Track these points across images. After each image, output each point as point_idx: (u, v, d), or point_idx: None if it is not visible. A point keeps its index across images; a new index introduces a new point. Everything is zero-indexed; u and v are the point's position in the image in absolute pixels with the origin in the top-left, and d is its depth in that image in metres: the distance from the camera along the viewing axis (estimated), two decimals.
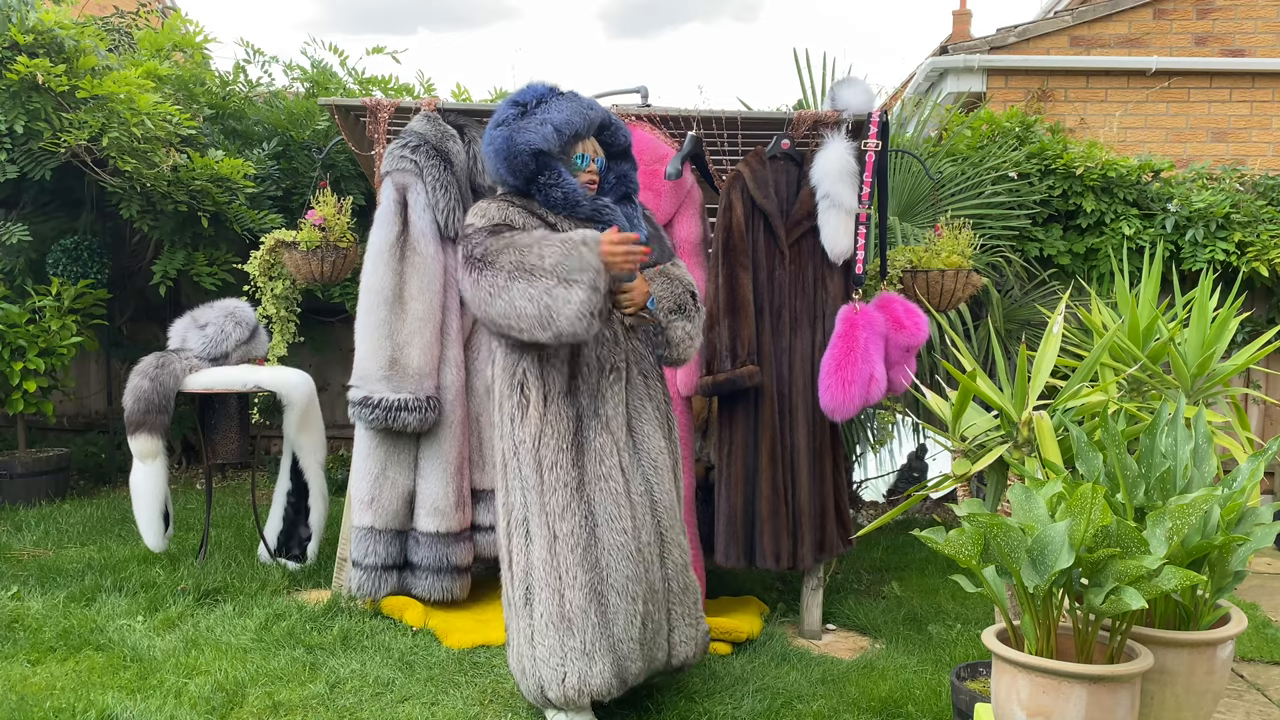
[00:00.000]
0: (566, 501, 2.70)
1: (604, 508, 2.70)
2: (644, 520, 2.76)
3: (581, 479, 2.72)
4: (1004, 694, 2.12)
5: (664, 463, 2.85)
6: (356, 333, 3.78)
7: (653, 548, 2.77)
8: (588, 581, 2.67)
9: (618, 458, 2.75)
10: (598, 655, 2.66)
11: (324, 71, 6.10)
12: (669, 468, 2.87)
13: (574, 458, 2.73)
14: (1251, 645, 3.59)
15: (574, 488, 2.71)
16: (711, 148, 3.93)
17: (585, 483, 2.72)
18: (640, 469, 2.81)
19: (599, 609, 2.67)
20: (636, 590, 2.70)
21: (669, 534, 2.83)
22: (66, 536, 4.79)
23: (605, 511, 2.70)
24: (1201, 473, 2.32)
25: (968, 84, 8.00)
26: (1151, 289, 3.24)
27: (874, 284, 3.87)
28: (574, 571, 2.67)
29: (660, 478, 2.83)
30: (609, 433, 2.76)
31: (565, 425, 2.75)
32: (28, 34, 4.68)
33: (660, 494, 2.82)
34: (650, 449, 2.84)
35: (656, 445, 2.85)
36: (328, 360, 6.50)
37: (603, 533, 2.70)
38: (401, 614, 3.69)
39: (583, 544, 2.68)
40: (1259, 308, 5.70)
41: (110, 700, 2.91)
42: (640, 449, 2.83)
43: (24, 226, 5.46)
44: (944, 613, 3.91)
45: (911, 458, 6.03)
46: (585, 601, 2.65)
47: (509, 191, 2.88)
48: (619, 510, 2.71)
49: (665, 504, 2.83)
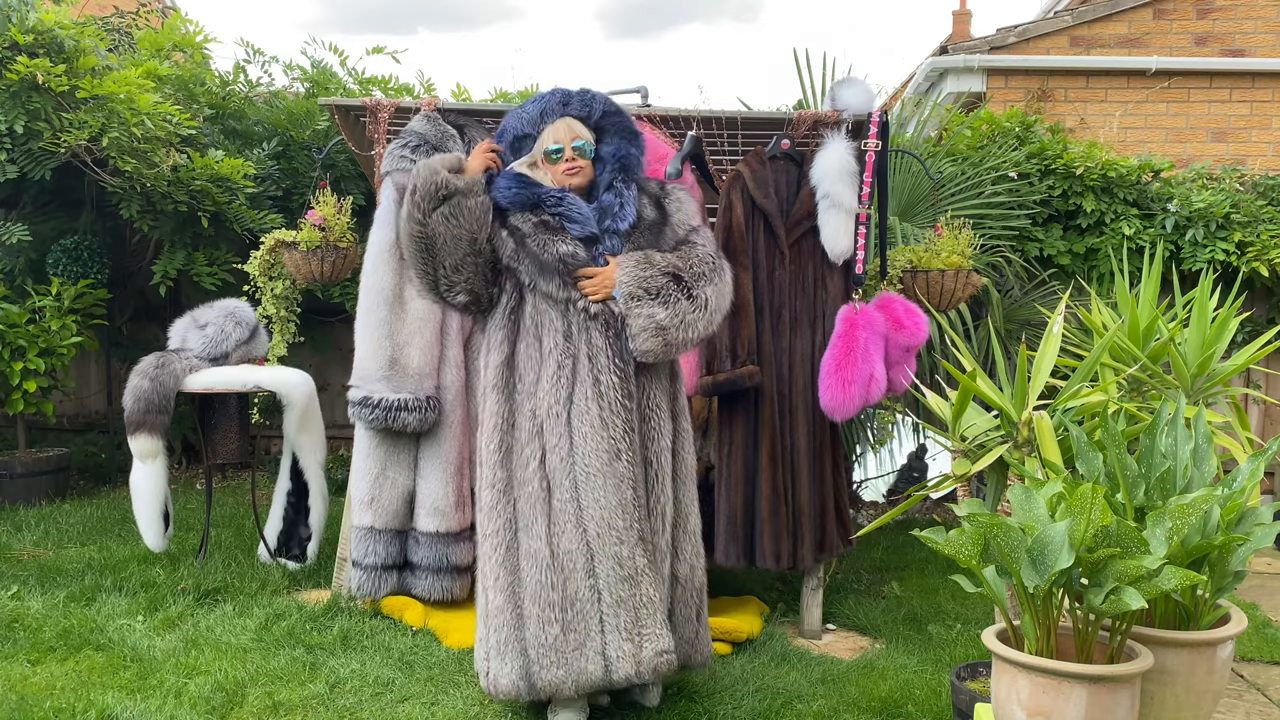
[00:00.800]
0: (493, 502, 2.70)
1: (523, 512, 2.67)
2: (564, 529, 2.64)
3: (509, 480, 2.70)
4: (1004, 694, 2.12)
5: (606, 469, 2.64)
6: (356, 333, 3.78)
7: (575, 557, 2.63)
8: (508, 584, 2.66)
9: (539, 462, 2.67)
10: (508, 656, 2.65)
11: (324, 71, 6.10)
12: (617, 476, 2.65)
13: (501, 459, 2.71)
14: (1251, 645, 3.58)
15: (501, 489, 2.70)
16: (711, 148, 3.93)
17: (512, 485, 2.70)
18: (572, 475, 2.65)
19: (514, 611, 2.65)
20: (551, 598, 2.62)
21: (599, 544, 2.63)
22: (66, 536, 4.78)
23: (524, 516, 2.67)
24: (1201, 473, 2.32)
25: (968, 84, 8.00)
26: (1151, 289, 3.24)
27: (874, 284, 3.87)
28: (496, 571, 2.67)
29: (593, 485, 2.64)
30: (538, 436, 2.68)
31: (495, 423, 2.73)
32: (28, 34, 4.68)
33: (590, 502, 2.64)
34: (588, 454, 2.65)
35: (597, 450, 2.65)
36: (328, 360, 6.49)
37: (522, 537, 2.67)
38: (401, 614, 3.69)
39: (505, 545, 2.67)
40: (1259, 308, 5.70)
41: (110, 700, 2.91)
42: (576, 454, 2.66)
43: (24, 226, 5.46)
44: (944, 613, 3.91)
45: (911, 458, 6.03)
46: (503, 602, 2.66)
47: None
48: (535, 516, 2.66)
49: (595, 514, 2.63)
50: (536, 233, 2.77)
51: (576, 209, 2.79)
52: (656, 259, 2.75)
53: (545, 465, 2.68)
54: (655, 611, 2.65)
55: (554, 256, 2.74)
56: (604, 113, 2.90)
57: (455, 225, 2.68)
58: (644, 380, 2.80)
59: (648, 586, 2.65)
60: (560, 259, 2.74)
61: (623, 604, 2.63)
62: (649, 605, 2.65)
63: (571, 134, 2.84)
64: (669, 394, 2.89)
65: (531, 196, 2.80)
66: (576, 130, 2.85)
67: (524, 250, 2.76)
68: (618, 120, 2.92)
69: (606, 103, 2.91)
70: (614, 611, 2.63)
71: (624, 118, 2.93)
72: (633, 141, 2.91)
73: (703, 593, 2.97)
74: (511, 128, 2.91)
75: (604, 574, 2.63)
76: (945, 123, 5.94)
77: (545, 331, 2.74)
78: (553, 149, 2.83)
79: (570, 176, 2.83)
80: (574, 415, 2.68)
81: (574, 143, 2.83)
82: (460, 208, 2.69)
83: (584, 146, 2.85)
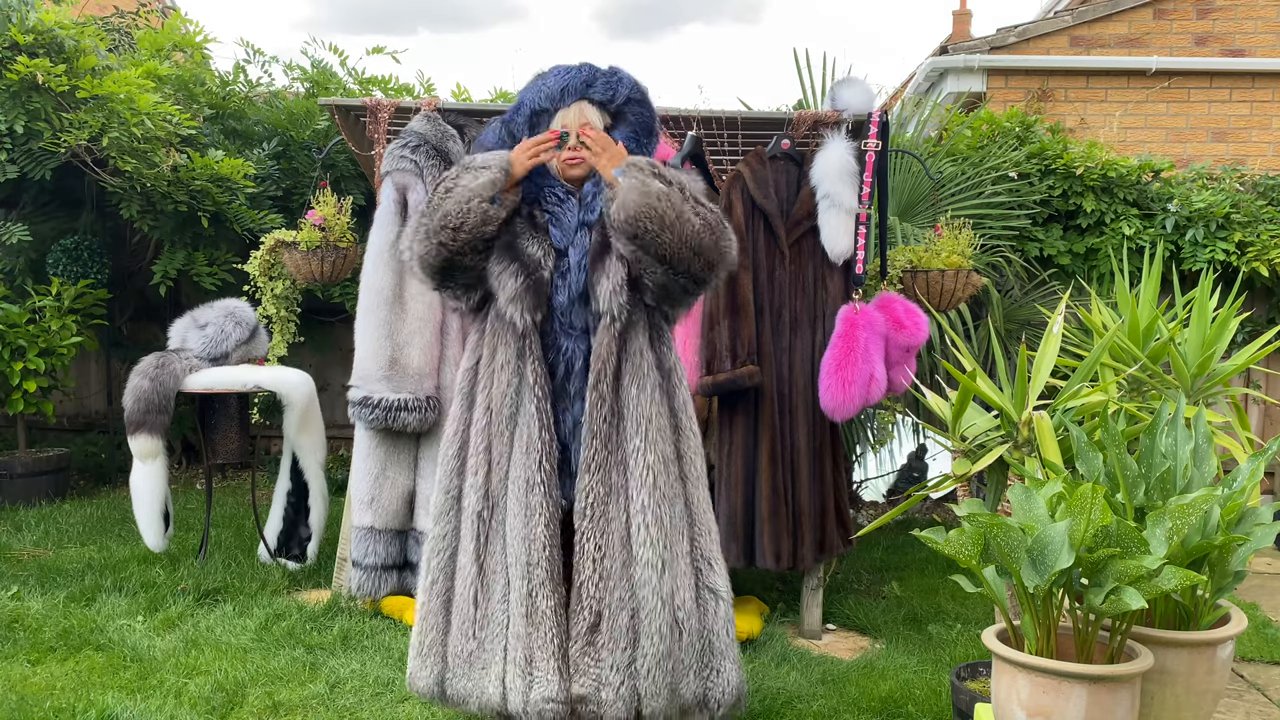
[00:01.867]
0: (445, 508, 2.62)
1: (464, 525, 2.59)
2: (493, 550, 2.55)
3: (460, 490, 2.61)
4: (1004, 694, 2.12)
5: (521, 501, 2.50)
6: (356, 333, 3.78)
7: (496, 578, 2.54)
8: (444, 590, 2.59)
9: (482, 478, 2.56)
10: (429, 659, 2.58)
11: (324, 71, 6.10)
12: (526, 508, 2.49)
13: (458, 467, 2.62)
14: (1251, 645, 3.58)
15: (454, 496, 2.61)
16: (711, 148, 3.93)
17: (461, 494, 2.61)
18: (505, 498, 2.54)
19: (444, 616, 2.59)
20: (473, 614, 2.55)
21: (511, 573, 2.50)
22: (66, 536, 4.78)
23: (464, 529, 2.59)
24: (1201, 473, 2.32)
25: (968, 84, 8.00)
26: (1151, 289, 3.24)
27: (874, 284, 3.87)
28: (435, 575, 2.60)
29: (512, 514, 2.51)
30: (486, 451, 2.56)
31: (455, 429, 2.64)
32: (28, 34, 4.68)
33: (508, 530, 2.52)
34: (513, 482, 2.52)
35: (520, 481, 2.50)
36: (328, 360, 6.49)
37: (460, 549, 2.60)
38: (401, 614, 3.69)
39: (448, 551, 2.60)
40: (1259, 308, 5.70)
41: (110, 700, 2.91)
42: (511, 479, 2.54)
43: (24, 226, 5.46)
44: (944, 613, 3.91)
45: (911, 458, 6.03)
46: (437, 606, 2.59)
47: None
48: (473, 531, 2.56)
49: (510, 543, 2.51)
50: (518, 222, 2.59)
51: (569, 217, 2.61)
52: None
53: (489, 481, 2.56)
54: (550, 657, 2.47)
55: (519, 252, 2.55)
56: (627, 99, 2.68)
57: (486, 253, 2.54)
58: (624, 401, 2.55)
59: (549, 629, 2.47)
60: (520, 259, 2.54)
61: (520, 639, 2.49)
62: (545, 649, 2.46)
63: (582, 121, 2.62)
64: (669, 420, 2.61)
65: (535, 189, 2.62)
66: (590, 117, 2.63)
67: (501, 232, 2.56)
68: (638, 111, 2.70)
69: (633, 89, 2.68)
70: (514, 644, 2.50)
71: (646, 110, 2.70)
72: (645, 138, 2.70)
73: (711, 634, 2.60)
74: (529, 101, 2.67)
75: (513, 602, 2.51)
76: (945, 123, 5.94)
77: (501, 343, 2.57)
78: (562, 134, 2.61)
79: (571, 167, 2.62)
80: (516, 436, 2.55)
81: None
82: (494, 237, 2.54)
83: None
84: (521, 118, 2.66)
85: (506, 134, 2.68)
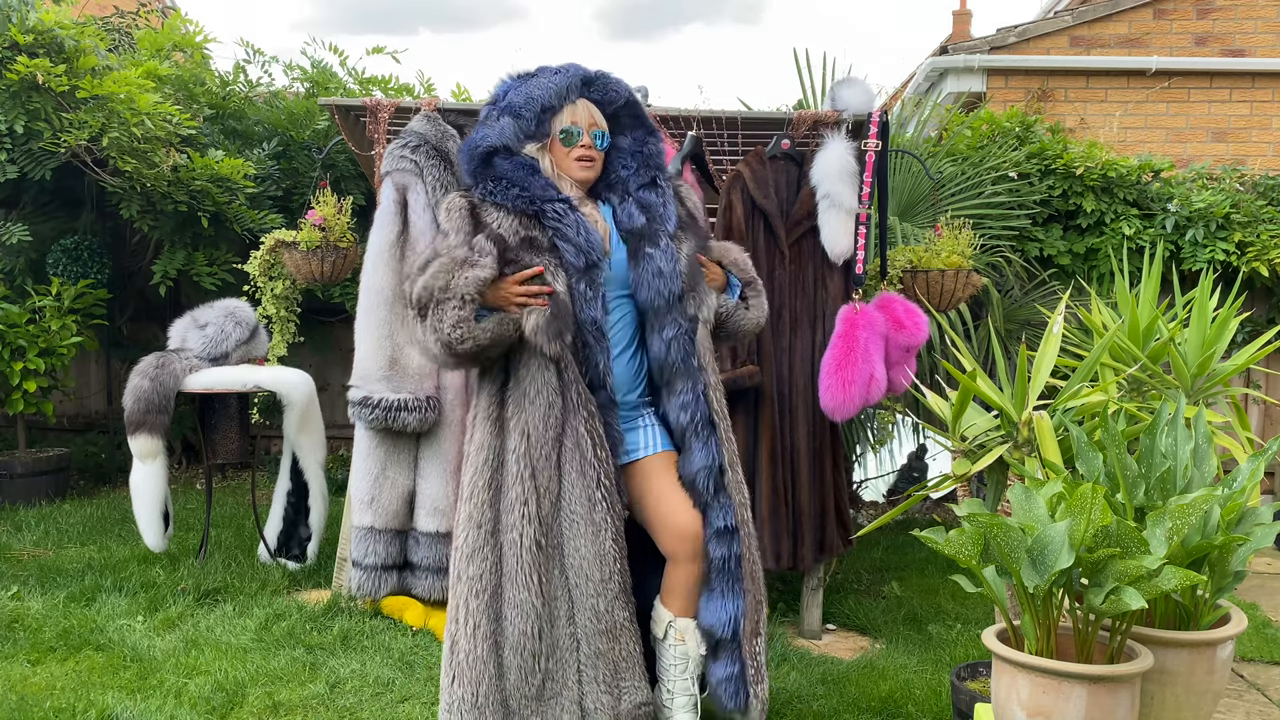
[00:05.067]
0: (478, 543, 2.48)
1: (508, 558, 2.46)
2: (549, 575, 2.49)
3: (497, 523, 2.48)
4: (1004, 694, 2.12)
5: (584, 520, 2.49)
6: (356, 333, 3.78)
7: (559, 604, 2.49)
8: (489, 632, 2.45)
9: (532, 507, 2.47)
10: (488, 710, 2.43)
11: (324, 71, 6.10)
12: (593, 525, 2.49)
13: (491, 497, 2.49)
14: (1251, 645, 3.59)
15: (489, 530, 2.48)
16: (711, 148, 3.93)
17: (499, 529, 2.48)
18: (558, 521, 2.51)
19: (496, 662, 2.45)
20: (537, 648, 2.45)
21: (578, 594, 2.49)
22: (66, 536, 4.79)
23: (509, 563, 2.46)
24: (1201, 473, 2.31)
25: (968, 84, 8.00)
26: (1151, 289, 3.24)
27: (874, 284, 3.87)
28: (476, 619, 2.45)
29: (575, 534, 2.49)
30: (530, 479, 2.48)
31: (485, 458, 2.51)
32: (28, 34, 4.68)
33: (572, 552, 2.50)
34: (572, 500, 2.50)
35: (581, 500, 2.49)
36: (328, 360, 6.49)
37: (507, 585, 2.46)
38: (401, 614, 3.69)
39: (490, 589, 2.46)
40: (1259, 308, 5.70)
41: (110, 700, 2.91)
42: (564, 500, 2.50)
43: (24, 226, 5.46)
44: (944, 613, 3.91)
45: (911, 458, 6.03)
46: (485, 652, 2.44)
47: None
48: (519, 563, 2.45)
49: (575, 565, 2.49)
50: (520, 250, 2.48)
51: (577, 232, 2.50)
52: (732, 252, 2.78)
53: (541, 508, 2.48)
54: (635, 665, 2.52)
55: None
56: (626, 102, 2.65)
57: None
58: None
59: (628, 640, 2.51)
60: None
61: (602, 656, 2.49)
62: (629, 659, 2.51)
63: (590, 119, 2.57)
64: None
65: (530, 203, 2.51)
66: (596, 117, 2.59)
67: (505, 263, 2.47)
68: (637, 112, 2.67)
69: (629, 93, 2.65)
70: (592, 663, 2.49)
71: (640, 112, 2.69)
72: (653, 134, 2.68)
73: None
74: (539, 98, 2.55)
75: (583, 624, 2.49)
76: (945, 123, 5.94)
77: (531, 365, 2.50)
78: (571, 129, 2.55)
79: (584, 169, 2.57)
80: (563, 458, 2.51)
81: (593, 130, 2.57)
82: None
83: (602, 137, 2.60)
84: (531, 113, 2.56)
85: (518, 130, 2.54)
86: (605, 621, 2.48)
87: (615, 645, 2.50)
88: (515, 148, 2.54)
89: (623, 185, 2.65)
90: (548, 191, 2.53)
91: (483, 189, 2.55)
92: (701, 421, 2.59)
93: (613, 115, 2.66)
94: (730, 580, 2.58)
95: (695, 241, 2.67)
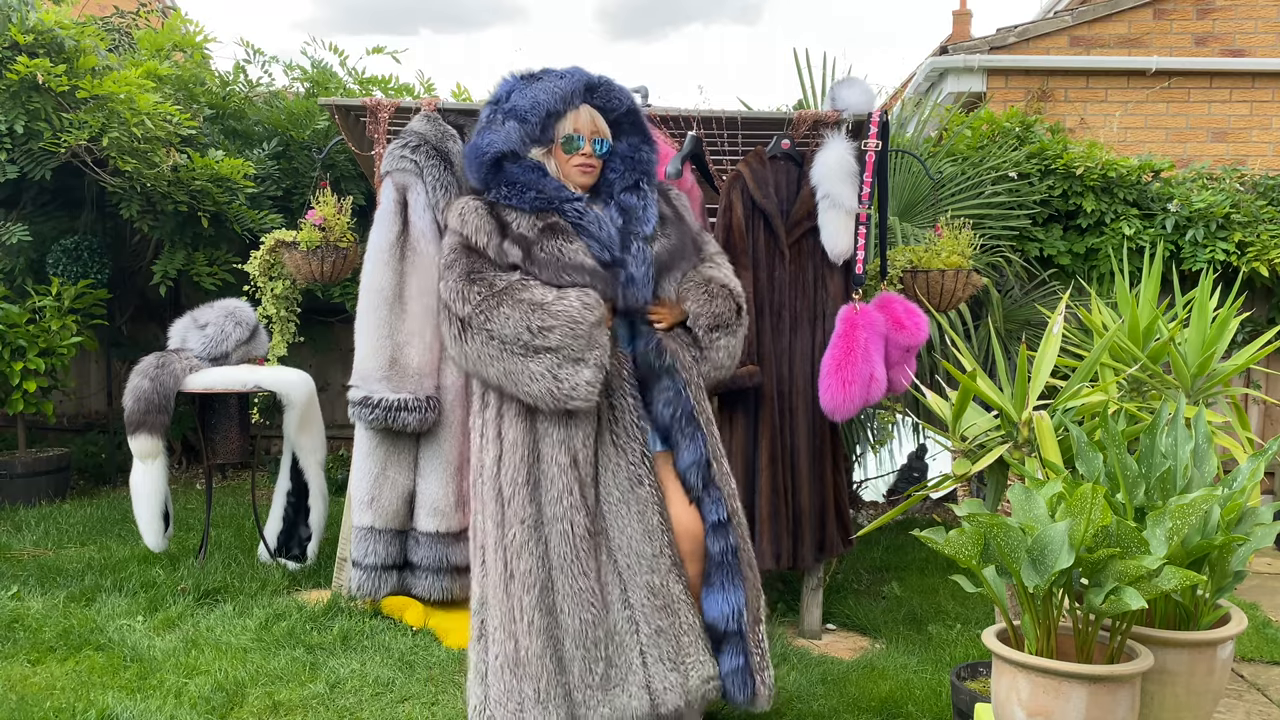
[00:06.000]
0: (525, 539, 2.49)
1: (559, 549, 2.48)
2: (600, 561, 2.51)
3: (540, 516, 2.50)
4: (1004, 694, 2.12)
5: (628, 498, 2.54)
6: (356, 333, 3.78)
7: (611, 589, 2.51)
8: (544, 626, 2.45)
9: (578, 495, 2.50)
10: (552, 705, 2.43)
11: (324, 71, 6.10)
12: (638, 502, 2.54)
13: (530, 492, 2.51)
14: (1251, 645, 3.59)
15: (532, 524, 2.50)
16: (711, 148, 3.93)
17: (543, 521, 2.50)
18: (600, 505, 2.54)
19: (554, 655, 2.46)
20: (597, 635, 2.46)
21: (630, 574, 2.52)
22: (66, 536, 4.79)
23: (559, 553, 2.47)
24: (1201, 473, 2.31)
25: (968, 84, 8.00)
26: (1151, 289, 3.23)
27: (874, 284, 3.87)
28: (530, 615, 2.46)
29: (618, 513, 2.53)
30: (571, 467, 2.51)
31: (522, 454, 2.53)
32: (28, 34, 4.68)
33: (616, 532, 2.53)
34: (609, 483, 2.55)
35: (622, 479, 2.55)
36: (328, 360, 6.49)
37: (557, 575, 2.47)
38: (401, 614, 3.69)
39: (540, 584, 2.47)
40: (1259, 308, 5.70)
41: (110, 700, 2.91)
42: (602, 483, 2.55)
43: (24, 226, 5.46)
44: (944, 613, 3.91)
45: (911, 458, 6.03)
46: (541, 647, 2.45)
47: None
48: (574, 552, 2.47)
49: (622, 543, 2.53)
50: (544, 238, 2.54)
51: (600, 228, 2.57)
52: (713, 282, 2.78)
53: (584, 497, 2.50)
54: (697, 638, 2.53)
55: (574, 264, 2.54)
56: (626, 109, 2.70)
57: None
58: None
59: (686, 613, 2.52)
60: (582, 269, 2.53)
61: (663, 634, 2.49)
62: (690, 632, 2.52)
63: (593, 127, 2.63)
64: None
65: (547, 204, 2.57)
66: (599, 125, 2.64)
67: (532, 259, 2.53)
68: (636, 119, 2.73)
69: (630, 100, 2.71)
70: (654, 642, 2.49)
71: (642, 118, 2.75)
72: (648, 142, 2.74)
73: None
74: (544, 103, 2.59)
75: (639, 604, 2.50)
76: (945, 123, 5.94)
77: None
78: (574, 136, 2.60)
79: (584, 174, 2.62)
80: (600, 444, 2.55)
81: (595, 139, 2.63)
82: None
83: (603, 144, 2.64)
84: (536, 118, 2.60)
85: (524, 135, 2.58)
86: (662, 597, 2.50)
87: (675, 620, 2.51)
88: (522, 152, 2.58)
89: (609, 189, 2.70)
90: (562, 192, 2.60)
91: (496, 193, 2.59)
92: (685, 417, 2.63)
93: (613, 122, 2.70)
94: (729, 573, 2.60)
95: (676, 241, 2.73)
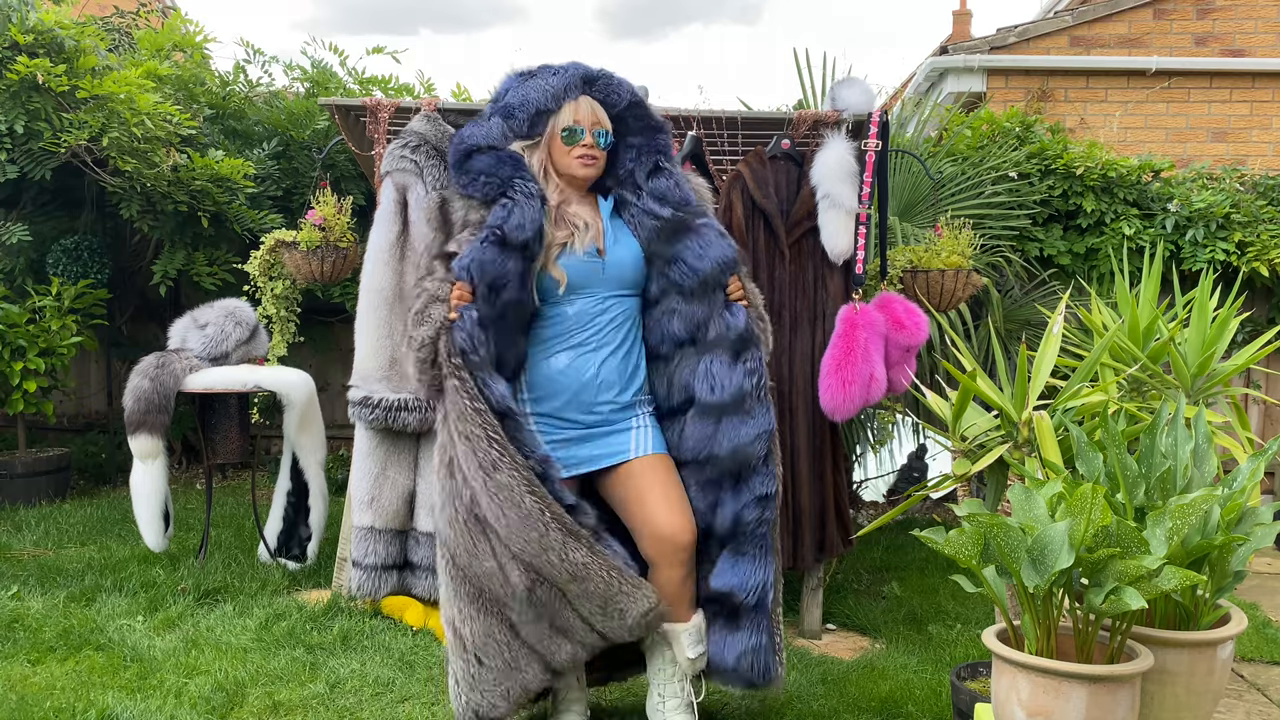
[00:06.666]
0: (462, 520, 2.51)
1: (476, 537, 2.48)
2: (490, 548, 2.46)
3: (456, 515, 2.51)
4: (1004, 694, 2.12)
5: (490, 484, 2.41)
6: (356, 333, 3.78)
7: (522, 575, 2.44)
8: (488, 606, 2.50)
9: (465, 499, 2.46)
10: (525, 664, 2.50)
11: (324, 71, 6.10)
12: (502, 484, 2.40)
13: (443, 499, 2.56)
14: (1251, 645, 3.58)
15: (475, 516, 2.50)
16: (711, 148, 3.93)
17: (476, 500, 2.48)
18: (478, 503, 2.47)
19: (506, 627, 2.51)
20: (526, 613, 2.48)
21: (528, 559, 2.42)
22: (66, 536, 4.79)
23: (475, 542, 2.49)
24: (1201, 473, 2.31)
25: (968, 84, 8.01)
26: (1151, 289, 3.23)
27: (874, 284, 3.87)
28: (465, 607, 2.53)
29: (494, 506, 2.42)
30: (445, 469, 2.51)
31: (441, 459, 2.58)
32: (28, 34, 4.68)
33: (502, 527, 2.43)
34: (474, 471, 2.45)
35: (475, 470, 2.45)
36: (328, 360, 6.49)
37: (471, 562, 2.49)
38: (401, 614, 3.69)
39: (461, 576, 2.52)
40: (1259, 308, 5.70)
41: (110, 700, 2.91)
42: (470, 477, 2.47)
43: (24, 226, 5.46)
44: (944, 613, 3.91)
45: (911, 458, 6.03)
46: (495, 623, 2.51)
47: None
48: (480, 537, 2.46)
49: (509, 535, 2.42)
50: (462, 232, 2.55)
51: (523, 215, 2.44)
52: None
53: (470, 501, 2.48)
54: (620, 580, 2.43)
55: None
56: (630, 103, 2.62)
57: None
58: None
59: (599, 570, 2.41)
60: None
61: (584, 596, 2.43)
62: (610, 582, 2.42)
63: (593, 117, 2.54)
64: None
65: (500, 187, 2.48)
66: (599, 115, 2.56)
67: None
68: (642, 113, 2.65)
69: (633, 93, 2.62)
70: (581, 603, 2.44)
71: (645, 111, 2.66)
72: (661, 131, 2.66)
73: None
74: (534, 101, 2.53)
75: (551, 578, 2.43)
76: (945, 123, 5.94)
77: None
78: (574, 128, 2.52)
79: (586, 166, 2.55)
80: (454, 437, 2.51)
81: (595, 129, 2.54)
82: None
83: (605, 135, 2.57)
84: (524, 115, 2.55)
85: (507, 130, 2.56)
86: (566, 570, 2.40)
87: (588, 583, 2.41)
88: (499, 146, 2.53)
89: (631, 179, 2.64)
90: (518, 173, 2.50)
91: (458, 182, 2.56)
92: (765, 388, 2.62)
93: (619, 117, 2.63)
94: (762, 546, 2.57)
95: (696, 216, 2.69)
